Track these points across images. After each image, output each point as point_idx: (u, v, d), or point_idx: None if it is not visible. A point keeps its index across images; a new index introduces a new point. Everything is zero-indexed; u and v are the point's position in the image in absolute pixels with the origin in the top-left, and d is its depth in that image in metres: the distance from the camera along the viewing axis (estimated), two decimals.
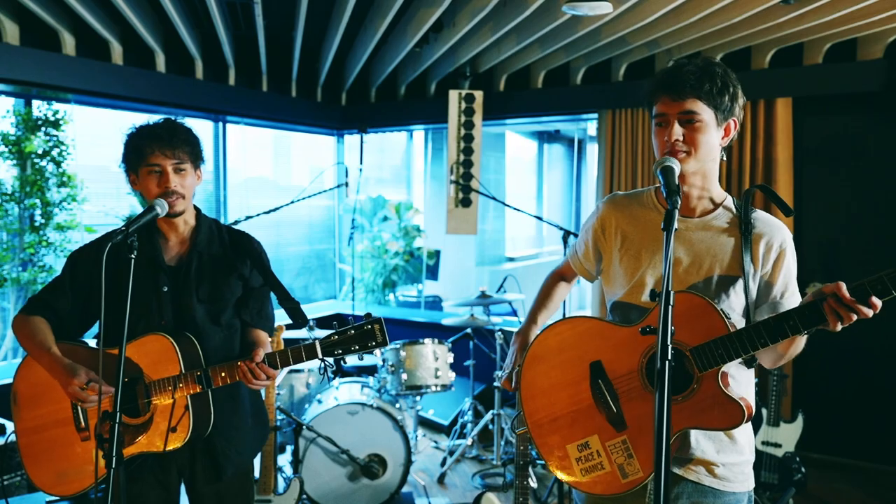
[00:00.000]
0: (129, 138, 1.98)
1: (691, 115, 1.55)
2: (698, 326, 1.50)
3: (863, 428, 4.35)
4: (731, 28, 3.98)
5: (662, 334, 1.26)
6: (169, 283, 2.00)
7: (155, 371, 1.91)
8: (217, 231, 2.13)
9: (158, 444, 1.89)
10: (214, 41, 4.56)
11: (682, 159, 1.56)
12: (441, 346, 4.14)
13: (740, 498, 1.69)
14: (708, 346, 1.49)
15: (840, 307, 1.37)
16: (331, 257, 6.72)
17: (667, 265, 1.29)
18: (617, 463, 1.61)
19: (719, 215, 1.67)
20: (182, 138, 1.97)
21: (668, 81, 1.56)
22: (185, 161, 1.97)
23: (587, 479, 1.65)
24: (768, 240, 1.62)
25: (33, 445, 2.00)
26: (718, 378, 1.50)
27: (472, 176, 4.92)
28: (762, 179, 4.43)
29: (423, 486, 4.14)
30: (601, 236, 1.81)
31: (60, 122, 4.14)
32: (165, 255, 2.03)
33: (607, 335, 1.67)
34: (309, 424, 3.57)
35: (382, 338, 1.84)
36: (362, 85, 5.88)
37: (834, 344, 4.42)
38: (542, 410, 1.73)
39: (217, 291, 2.04)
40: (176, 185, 1.95)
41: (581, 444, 1.66)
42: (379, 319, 1.84)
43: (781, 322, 1.43)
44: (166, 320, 1.99)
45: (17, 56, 3.77)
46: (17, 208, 4.05)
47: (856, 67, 4.19)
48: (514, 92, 5.34)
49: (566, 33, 4.24)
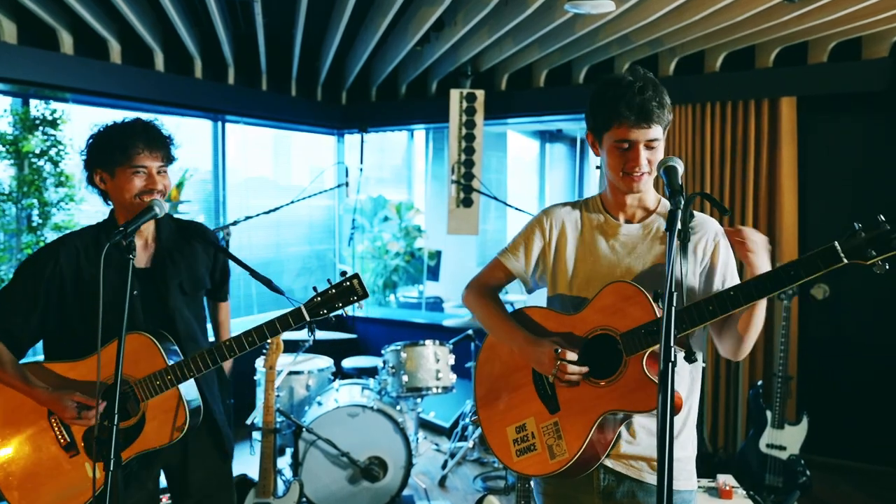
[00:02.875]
0: (107, 136, 1.95)
1: (654, 142, 1.65)
2: (630, 313, 1.59)
3: (868, 430, 4.32)
4: (734, 27, 3.95)
5: (665, 337, 1.28)
6: (139, 286, 1.99)
7: (137, 370, 1.89)
8: (174, 225, 2.15)
9: (157, 439, 1.89)
10: (214, 40, 4.53)
11: (645, 181, 1.67)
12: (442, 348, 4.11)
13: (686, 498, 1.70)
14: (635, 331, 1.57)
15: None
16: (331, 258, 6.68)
17: (669, 266, 1.31)
18: (547, 444, 1.69)
19: (656, 219, 1.76)
20: (164, 140, 1.99)
21: (637, 110, 1.60)
22: (166, 163, 1.98)
23: (520, 460, 1.74)
24: (702, 235, 1.71)
25: (15, 477, 1.93)
26: (644, 362, 1.56)
27: (474, 176, 4.89)
28: (766, 179, 4.40)
29: (424, 488, 4.11)
30: (544, 236, 1.87)
31: (58, 121, 4.11)
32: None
33: (551, 324, 1.76)
34: (309, 427, 3.55)
35: (363, 291, 1.88)
36: (363, 84, 5.85)
37: (839, 345, 4.42)
38: (488, 395, 1.85)
39: (193, 283, 2.09)
40: (161, 186, 1.95)
41: (519, 427, 1.75)
42: (356, 275, 1.87)
43: (701, 305, 1.51)
44: (138, 322, 1.97)
45: (14, 55, 3.74)
46: (15, 208, 4.02)
47: (861, 66, 4.16)
48: (516, 91, 5.31)
49: (568, 32, 4.21)
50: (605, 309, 1.64)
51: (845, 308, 4.31)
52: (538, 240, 1.86)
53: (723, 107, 4.49)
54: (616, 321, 1.61)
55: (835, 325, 4.41)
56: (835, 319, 4.41)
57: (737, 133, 4.47)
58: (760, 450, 3.79)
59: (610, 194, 1.79)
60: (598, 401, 1.61)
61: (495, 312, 1.87)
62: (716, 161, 4.53)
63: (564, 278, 1.80)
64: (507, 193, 8.19)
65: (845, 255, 1.37)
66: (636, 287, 1.60)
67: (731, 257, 1.72)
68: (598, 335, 1.65)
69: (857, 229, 1.37)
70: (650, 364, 1.56)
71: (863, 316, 4.29)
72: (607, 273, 1.73)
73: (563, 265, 1.81)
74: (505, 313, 1.87)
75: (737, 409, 4.55)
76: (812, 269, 1.39)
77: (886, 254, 1.36)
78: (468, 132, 4.89)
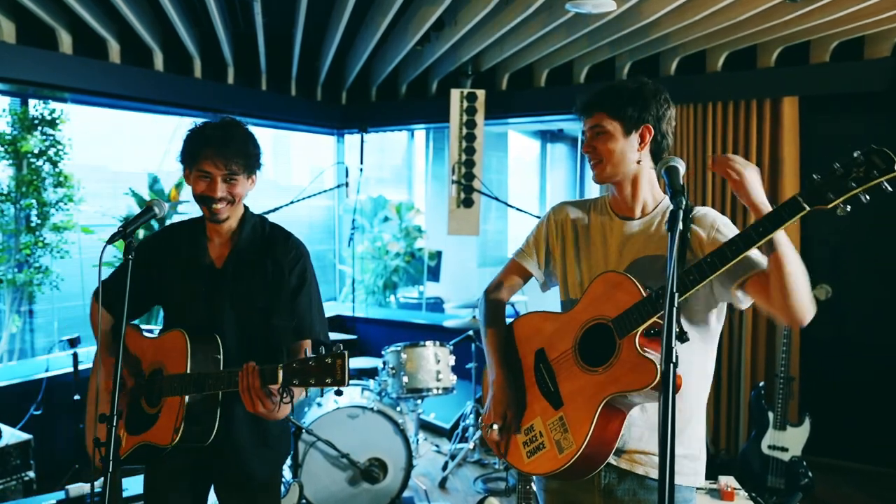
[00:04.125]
0: (189, 136, 1.95)
1: (595, 128, 1.75)
2: (618, 299, 1.62)
3: (871, 431, 4.30)
4: (736, 26, 3.93)
5: (667, 336, 1.29)
6: (207, 284, 2.00)
7: (172, 366, 1.92)
8: (261, 231, 2.08)
9: (160, 437, 1.89)
10: (213, 40, 4.52)
11: (600, 167, 1.76)
12: (442, 349, 4.09)
13: (687, 497, 1.71)
14: (625, 314, 1.60)
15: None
16: (331, 258, 6.67)
17: (671, 267, 1.32)
18: (555, 439, 1.70)
19: (656, 216, 1.78)
20: (237, 148, 1.91)
21: (581, 104, 1.80)
22: (237, 172, 1.92)
23: (531, 461, 1.74)
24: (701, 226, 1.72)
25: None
26: (636, 341, 1.58)
27: (474, 176, 4.87)
28: (768, 179, 4.38)
29: (424, 490, 4.09)
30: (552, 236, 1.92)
31: (57, 121, 4.10)
32: (211, 254, 2.03)
33: (550, 324, 1.80)
34: (308, 428, 3.53)
35: (341, 376, 1.68)
36: (363, 84, 5.84)
37: (841, 346, 4.40)
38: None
39: (248, 295, 1.99)
40: (223, 193, 1.91)
41: (527, 429, 1.77)
42: (342, 354, 1.68)
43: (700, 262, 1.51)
44: (200, 320, 1.97)
45: (13, 54, 3.73)
46: (13, 208, 4.01)
47: (863, 66, 4.14)
48: (517, 91, 5.30)
49: (569, 31, 4.19)
50: (596, 299, 1.68)
51: (847, 309, 4.30)
52: (547, 236, 1.93)
53: (724, 107, 4.47)
54: (607, 309, 1.65)
55: (837, 325, 4.39)
56: (837, 320, 4.39)
57: (738, 133, 4.45)
58: (762, 451, 3.77)
59: (611, 193, 1.85)
60: (598, 388, 1.63)
61: (491, 340, 1.93)
62: None
63: (573, 278, 1.85)
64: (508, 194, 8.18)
65: (806, 201, 1.42)
66: (622, 274, 1.65)
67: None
68: (593, 326, 1.69)
69: (816, 178, 1.41)
70: (643, 342, 1.59)
71: (865, 317, 4.27)
72: (605, 269, 1.76)
73: (571, 264, 1.86)
74: (497, 335, 1.92)
75: (738, 410, 4.53)
76: (777, 220, 1.45)
77: (844, 195, 1.42)
78: (469, 132, 4.88)
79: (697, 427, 1.75)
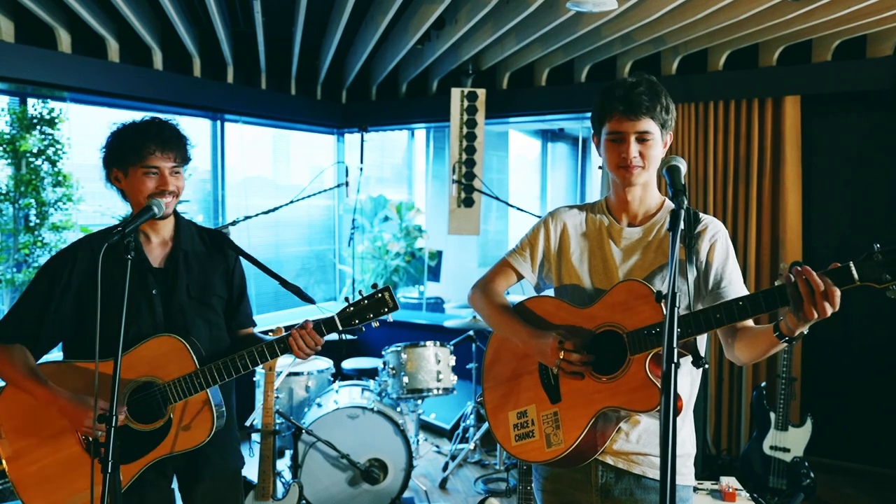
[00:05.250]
0: (123, 135, 1.95)
1: (645, 134, 1.68)
2: (639, 312, 1.60)
3: (873, 432, 4.28)
4: (737, 25, 3.91)
5: (668, 337, 1.30)
6: (157, 286, 1.99)
7: (166, 373, 1.89)
8: (196, 230, 2.14)
9: (184, 443, 1.88)
10: (212, 38, 4.50)
11: (638, 174, 1.71)
12: (443, 349, 4.08)
13: (683, 496, 1.72)
14: (641, 332, 1.58)
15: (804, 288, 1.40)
16: (331, 258, 6.65)
17: (672, 266, 1.33)
18: (545, 433, 1.72)
19: (657, 222, 1.78)
20: (178, 140, 1.97)
21: (626, 102, 1.67)
22: (180, 164, 1.97)
23: (518, 445, 1.78)
24: (703, 236, 1.72)
25: (34, 476, 1.92)
26: (647, 362, 1.57)
27: (475, 175, 4.85)
28: (769, 179, 4.36)
29: (424, 491, 4.08)
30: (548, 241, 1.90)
31: (56, 120, 4.08)
32: (149, 256, 2.01)
33: (563, 315, 1.77)
34: (308, 428, 3.52)
35: (393, 303, 1.89)
36: (363, 83, 5.82)
37: (843, 347, 4.38)
38: (495, 379, 1.88)
39: (204, 289, 2.05)
40: (173, 187, 1.94)
41: (520, 412, 1.79)
42: (387, 287, 1.89)
43: (708, 312, 1.51)
44: (158, 323, 1.97)
45: (11, 53, 3.71)
46: (12, 208, 3.99)
47: (865, 65, 4.12)
48: (518, 90, 5.28)
49: (570, 30, 4.18)
50: (615, 306, 1.66)
51: (850, 309, 4.25)
52: (543, 241, 1.91)
53: (726, 106, 4.46)
54: (624, 319, 1.63)
55: (839, 326, 4.38)
56: (839, 321, 4.34)
57: (740, 132, 4.43)
58: (764, 452, 3.76)
59: (613, 196, 1.84)
60: (598, 396, 1.64)
61: (499, 310, 1.89)
62: (719, 160, 4.50)
63: (570, 275, 1.84)
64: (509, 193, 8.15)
65: (860, 276, 1.37)
66: (648, 287, 1.61)
67: (729, 259, 1.71)
68: (606, 331, 1.67)
69: (876, 250, 1.35)
70: (653, 365, 1.58)
71: (867, 317, 4.25)
72: (605, 274, 1.77)
73: (568, 265, 1.85)
74: (508, 310, 1.88)
75: (740, 410, 4.52)
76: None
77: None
78: (469, 131, 4.86)
79: (688, 425, 1.78)
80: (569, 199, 8.68)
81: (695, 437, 1.82)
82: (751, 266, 4.39)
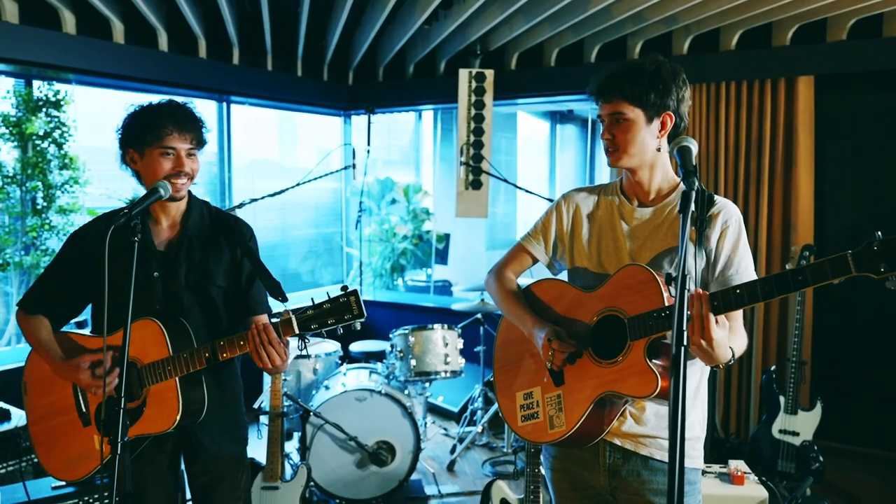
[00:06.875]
0: (140, 116, 1.96)
1: (618, 116, 1.68)
2: (641, 298, 1.60)
3: (883, 416, 4.26)
4: (750, 3, 3.84)
5: (678, 320, 1.30)
6: (159, 268, 2.00)
7: (146, 355, 1.91)
8: (208, 214, 2.13)
9: (153, 426, 1.91)
10: (218, 19, 4.46)
11: (617, 157, 1.72)
12: (451, 332, 4.07)
13: (692, 479, 1.72)
14: (642, 317, 1.58)
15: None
16: (338, 241, 6.64)
17: (682, 248, 1.33)
18: (549, 414, 1.76)
19: (669, 203, 1.75)
20: (195, 122, 1.98)
21: (598, 84, 1.71)
22: (196, 146, 1.99)
23: (523, 426, 1.83)
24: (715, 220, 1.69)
25: (43, 433, 2.07)
26: (645, 348, 1.57)
27: (483, 157, 4.81)
28: (782, 161, 4.30)
29: (432, 473, 4.09)
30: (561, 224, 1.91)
31: (61, 102, 4.06)
32: (155, 239, 2.02)
33: (565, 300, 1.81)
34: (316, 411, 3.52)
35: (359, 309, 1.78)
36: (370, 64, 5.76)
37: (854, 331, 4.34)
38: (505, 360, 1.93)
39: (203, 277, 2.04)
40: (188, 169, 1.96)
41: (526, 393, 1.84)
42: (354, 291, 1.77)
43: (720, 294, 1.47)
44: (159, 305, 1.99)
45: (16, 35, 3.68)
46: (19, 191, 3.99)
47: (881, 44, 4.04)
48: (526, 71, 5.21)
49: (580, 9, 4.11)
50: (618, 291, 1.67)
51: (860, 293, 4.23)
52: (556, 224, 1.92)
53: (738, 86, 4.39)
54: (626, 304, 1.63)
55: (850, 310, 4.34)
56: (850, 304, 4.33)
57: (752, 113, 4.37)
58: (773, 435, 3.74)
59: (625, 177, 1.84)
60: (598, 380, 1.66)
61: (508, 296, 1.93)
62: (731, 141, 4.44)
63: (581, 258, 1.86)
64: (517, 175, 8.11)
65: (855, 266, 1.32)
66: (651, 272, 1.61)
67: (739, 247, 1.68)
68: (607, 316, 1.68)
69: (876, 239, 1.30)
70: (652, 351, 1.58)
71: (878, 301, 4.21)
72: (615, 255, 1.77)
73: (580, 246, 1.86)
74: (517, 296, 1.92)
75: (749, 394, 4.50)
76: (820, 276, 1.35)
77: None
78: (477, 113, 4.81)
79: (699, 408, 1.77)
80: (578, 182, 8.62)
81: (706, 421, 1.81)
82: (762, 249, 4.35)
